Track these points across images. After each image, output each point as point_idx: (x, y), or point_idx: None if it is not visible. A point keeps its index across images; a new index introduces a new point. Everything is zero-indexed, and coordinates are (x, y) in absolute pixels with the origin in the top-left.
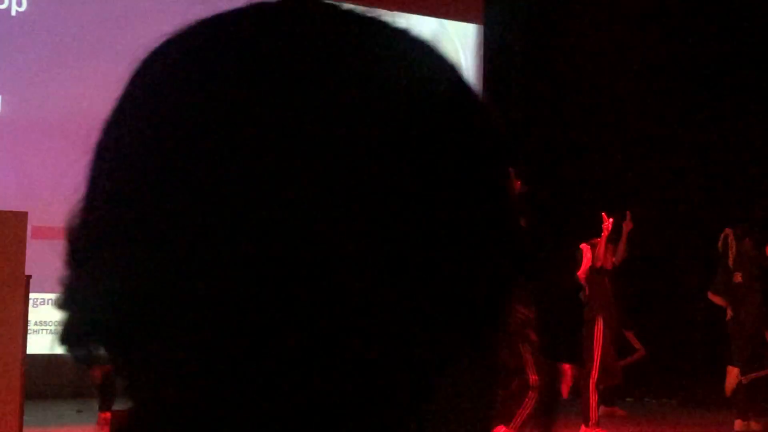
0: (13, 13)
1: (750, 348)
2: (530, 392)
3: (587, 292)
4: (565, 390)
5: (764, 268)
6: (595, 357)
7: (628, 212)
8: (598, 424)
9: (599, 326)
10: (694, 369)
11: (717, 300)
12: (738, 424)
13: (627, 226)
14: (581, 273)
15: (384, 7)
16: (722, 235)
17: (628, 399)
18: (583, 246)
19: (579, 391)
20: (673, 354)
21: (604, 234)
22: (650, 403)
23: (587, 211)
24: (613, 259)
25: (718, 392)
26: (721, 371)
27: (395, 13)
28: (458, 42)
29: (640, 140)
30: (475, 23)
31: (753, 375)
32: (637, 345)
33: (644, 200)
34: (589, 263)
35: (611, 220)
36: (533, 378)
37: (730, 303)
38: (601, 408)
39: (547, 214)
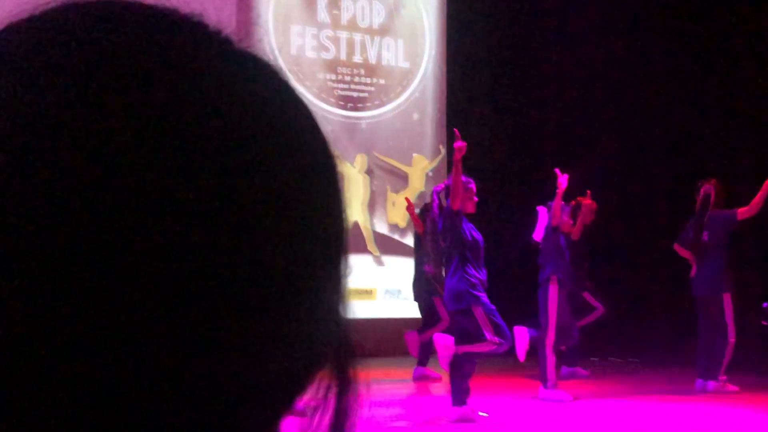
0: None
1: None
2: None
3: (541, 253)
4: (521, 353)
5: (733, 232)
6: (550, 318)
7: (588, 191)
8: (555, 386)
9: (553, 287)
10: (658, 328)
11: (683, 252)
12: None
13: (588, 205)
14: (536, 234)
15: None
16: (702, 191)
17: (592, 359)
18: (540, 208)
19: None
20: (638, 313)
21: (558, 192)
22: (615, 362)
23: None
24: (571, 221)
25: (683, 351)
26: (687, 330)
27: None
28: (421, 1)
29: (599, 94)
30: None
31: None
32: (594, 304)
33: (604, 154)
34: (544, 225)
35: (565, 176)
36: (492, 339)
37: (696, 260)
38: (563, 368)
39: (508, 177)
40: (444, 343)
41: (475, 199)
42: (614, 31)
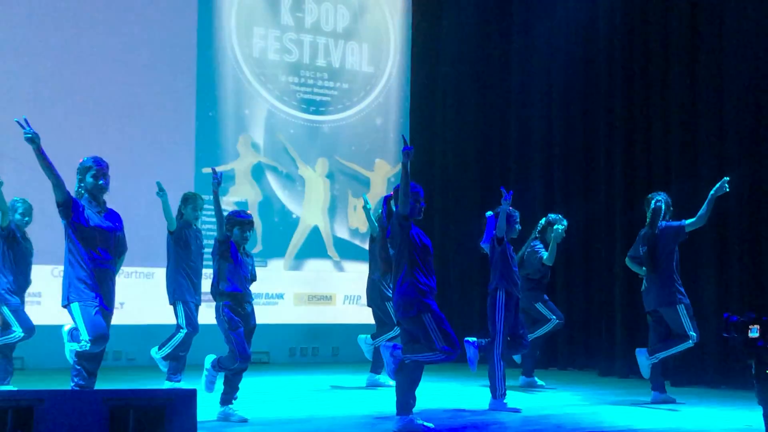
0: None
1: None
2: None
3: (490, 263)
4: (473, 364)
5: (679, 244)
6: (498, 327)
7: (559, 216)
8: (504, 395)
9: (501, 296)
10: (616, 338)
11: (634, 268)
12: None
13: (558, 229)
14: (483, 241)
15: None
16: (654, 204)
17: (551, 369)
18: (488, 215)
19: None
20: (596, 323)
21: (503, 209)
22: (572, 373)
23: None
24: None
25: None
26: (644, 341)
27: None
28: (386, 6)
29: (560, 103)
30: None
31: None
32: (549, 315)
33: (564, 162)
34: (492, 231)
35: (510, 193)
36: (441, 347)
37: (646, 273)
38: (521, 378)
39: (470, 183)
40: (391, 351)
41: (423, 204)
42: (577, 39)
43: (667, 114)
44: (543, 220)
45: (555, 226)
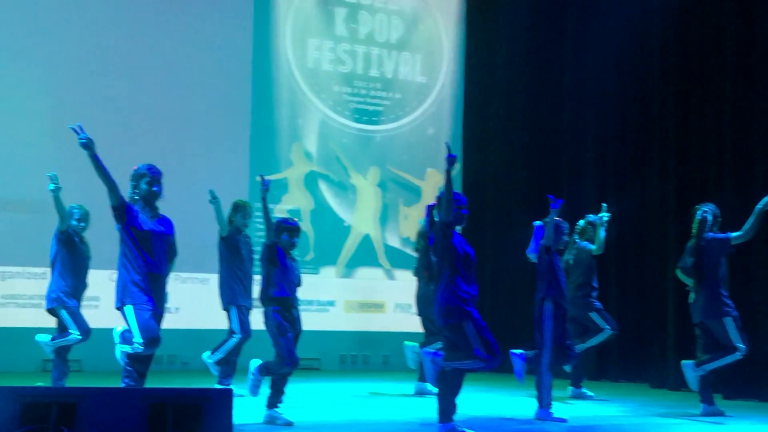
0: None
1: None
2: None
3: (537, 273)
4: (520, 376)
5: (727, 256)
6: (546, 338)
7: (604, 204)
8: (550, 406)
9: (548, 306)
10: (668, 351)
11: (684, 279)
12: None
13: (602, 217)
14: (530, 250)
15: None
16: (700, 216)
17: (602, 380)
18: (536, 224)
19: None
20: (648, 335)
21: (551, 217)
22: (624, 385)
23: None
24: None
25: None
26: (694, 353)
27: None
28: (440, 17)
29: (616, 113)
30: None
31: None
32: (602, 325)
33: (618, 173)
34: (539, 240)
35: (560, 201)
36: (481, 355)
37: (694, 285)
38: (569, 389)
39: (523, 193)
40: (432, 358)
41: (465, 212)
42: (630, 44)
43: (721, 120)
44: (582, 222)
45: (599, 215)
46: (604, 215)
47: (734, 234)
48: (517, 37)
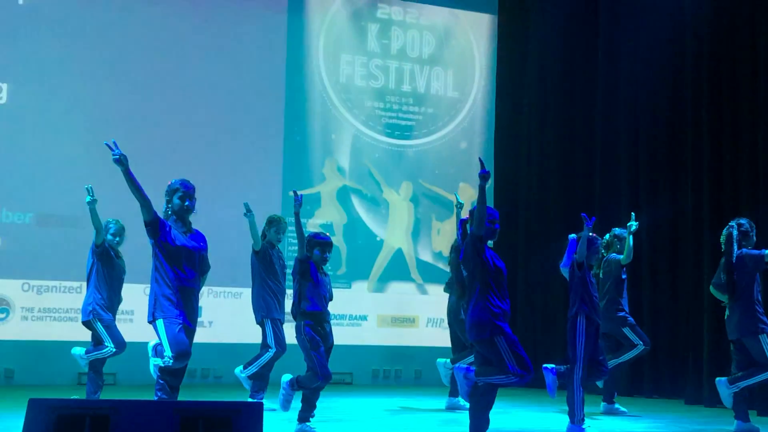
0: (21, 1)
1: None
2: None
3: (570, 288)
4: (552, 391)
5: (761, 272)
6: (579, 353)
7: (632, 213)
8: (582, 421)
9: (581, 321)
10: (702, 367)
11: (717, 295)
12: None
13: (631, 226)
14: (564, 264)
15: None
16: (726, 230)
17: (636, 396)
18: (571, 238)
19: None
20: (683, 351)
21: (584, 234)
22: (658, 401)
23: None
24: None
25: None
26: (729, 370)
27: (408, 3)
28: (471, 32)
29: (647, 130)
30: (489, 13)
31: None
32: (635, 340)
33: (650, 189)
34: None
35: (593, 219)
36: (514, 370)
37: (729, 302)
38: (602, 405)
39: (554, 207)
40: (465, 373)
41: (497, 227)
42: (663, 58)
43: (756, 130)
44: (607, 236)
45: (628, 224)
46: (633, 224)
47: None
48: (548, 51)
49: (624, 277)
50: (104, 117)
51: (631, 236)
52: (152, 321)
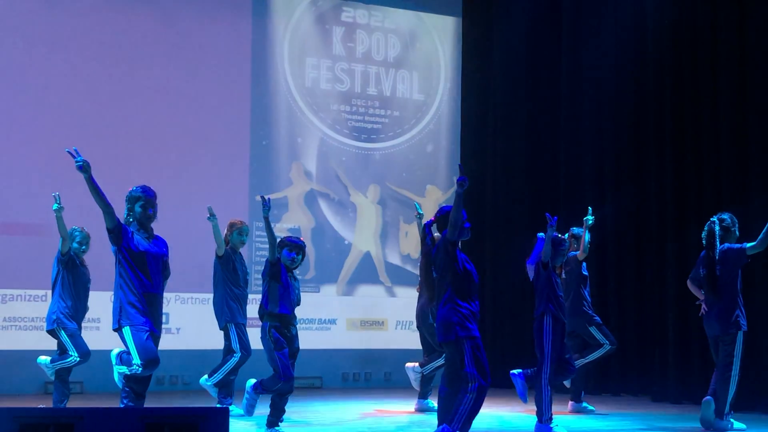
0: None
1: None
2: (469, 391)
3: (535, 289)
4: (523, 395)
5: (742, 267)
6: (546, 353)
7: (589, 208)
8: (550, 420)
9: (548, 321)
10: (667, 363)
11: (695, 291)
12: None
13: (588, 220)
14: (530, 260)
15: (362, 1)
16: (707, 226)
17: (604, 394)
18: (539, 236)
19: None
20: (648, 348)
21: (548, 234)
22: (625, 399)
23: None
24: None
25: (691, 387)
26: (698, 366)
27: (373, 6)
28: (436, 35)
29: (612, 128)
30: (453, 16)
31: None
32: (601, 339)
33: (616, 188)
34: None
35: (555, 218)
36: (472, 375)
37: (707, 297)
38: (570, 404)
39: (519, 209)
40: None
41: (468, 225)
42: (626, 59)
43: (719, 127)
44: (565, 236)
45: (585, 218)
46: (589, 218)
47: (749, 245)
48: (512, 53)
49: (585, 273)
50: (68, 123)
51: (587, 231)
52: (118, 329)
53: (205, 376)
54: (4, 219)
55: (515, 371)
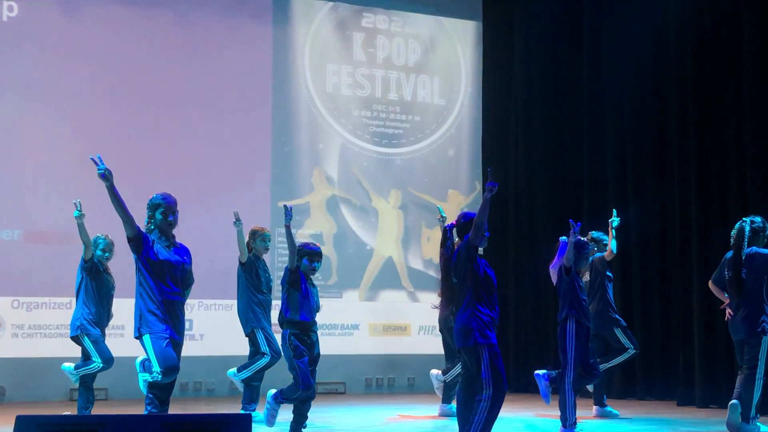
0: (5, 18)
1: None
2: (484, 399)
3: (559, 294)
4: (546, 397)
5: None
6: (570, 357)
7: (613, 209)
8: (575, 425)
9: (571, 325)
10: (693, 367)
11: (717, 293)
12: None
13: (613, 221)
14: (553, 265)
15: (382, 6)
16: (738, 226)
17: (629, 399)
18: (562, 240)
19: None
20: (674, 352)
21: (571, 239)
22: (651, 403)
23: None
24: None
25: (720, 391)
26: (724, 370)
27: (393, 12)
28: (456, 39)
29: (634, 134)
30: (474, 20)
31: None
32: (626, 343)
33: (639, 193)
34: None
35: (578, 224)
36: (488, 382)
37: (733, 300)
38: (594, 408)
39: (541, 214)
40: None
41: (487, 234)
42: (647, 59)
43: (742, 131)
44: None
45: (610, 219)
46: (615, 220)
47: None
48: (533, 56)
49: (609, 274)
50: (91, 132)
51: (614, 232)
52: (139, 336)
53: (234, 369)
54: (29, 227)
55: (539, 372)
